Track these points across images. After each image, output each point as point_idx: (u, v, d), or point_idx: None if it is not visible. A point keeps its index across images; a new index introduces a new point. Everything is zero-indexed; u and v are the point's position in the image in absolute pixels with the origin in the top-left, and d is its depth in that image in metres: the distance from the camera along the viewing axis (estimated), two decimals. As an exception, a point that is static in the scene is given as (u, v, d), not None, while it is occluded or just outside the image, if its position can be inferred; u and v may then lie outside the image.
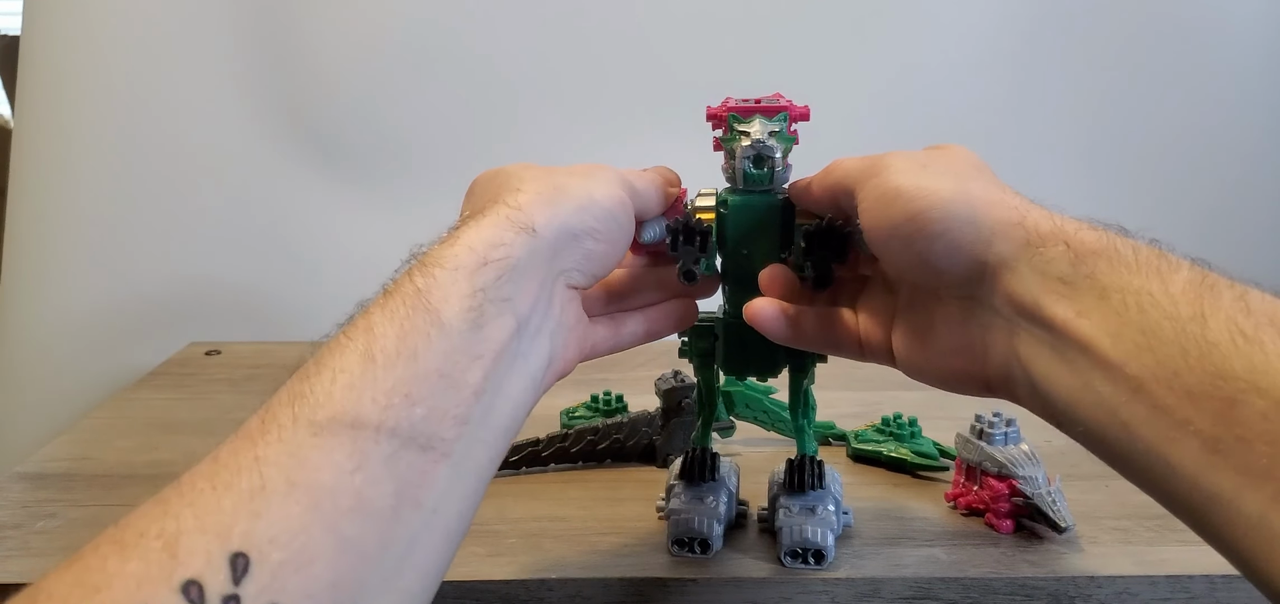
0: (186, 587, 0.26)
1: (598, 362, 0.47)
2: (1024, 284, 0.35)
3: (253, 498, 0.27)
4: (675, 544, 0.50)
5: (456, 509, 0.33)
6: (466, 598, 0.48)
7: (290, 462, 0.29)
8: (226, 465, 0.28)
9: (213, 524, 0.27)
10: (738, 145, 0.45)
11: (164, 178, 0.95)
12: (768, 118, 0.46)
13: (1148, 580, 0.48)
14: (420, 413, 0.31)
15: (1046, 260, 0.34)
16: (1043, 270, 0.34)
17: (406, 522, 0.30)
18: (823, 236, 0.45)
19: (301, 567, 0.27)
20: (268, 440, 0.29)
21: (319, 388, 0.30)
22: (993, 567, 0.49)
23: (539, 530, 0.53)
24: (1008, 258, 0.35)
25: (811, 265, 0.46)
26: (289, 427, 0.29)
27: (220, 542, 0.26)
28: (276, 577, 0.27)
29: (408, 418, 0.31)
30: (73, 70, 0.93)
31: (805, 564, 0.49)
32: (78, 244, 0.94)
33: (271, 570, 0.27)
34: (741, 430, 0.66)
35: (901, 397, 0.76)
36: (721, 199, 0.48)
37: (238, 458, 0.29)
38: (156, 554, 0.26)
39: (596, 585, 0.48)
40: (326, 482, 0.29)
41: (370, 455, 0.30)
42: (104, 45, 0.93)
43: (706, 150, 0.48)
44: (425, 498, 0.31)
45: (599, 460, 0.63)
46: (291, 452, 0.29)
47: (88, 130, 0.94)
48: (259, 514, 0.27)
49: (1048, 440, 0.65)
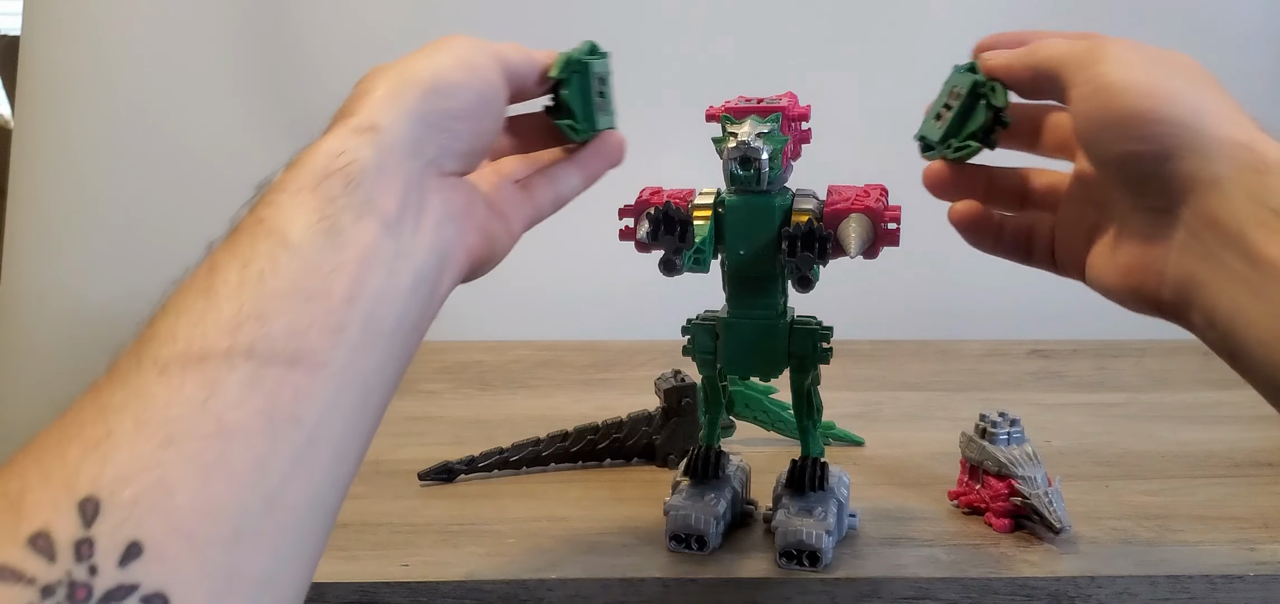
0: (34, 539, 0.25)
1: (597, 361, 0.47)
2: (1232, 209, 0.33)
3: (98, 445, 0.27)
4: (673, 539, 0.50)
5: (346, 421, 0.31)
6: (466, 598, 0.48)
7: (137, 403, 0.28)
8: (72, 420, 0.28)
9: (57, 476, 0.26)
10: (726, 146, 0.46)
11: (164, 178, 0.95)
12: (760, 118, 0.46)
13: (1148, 580, 0.48)
14: (279, 329, 0.30)
15: (1266, 190, 0.32)
16: (1259, 199, 0.32)
17: (284, 439, 0.29)
18: (805, 238, 0.45)
19: (159, 500, 0.26)
20: (112, 388, 0.28)
21: (161, 329, 0.30)
22: (993, 567, 0.49)
23: (539, 530, 0.53)
24: (1222, 178, 0.33)
25: (795, 266, 0.46)
26: (133, 371, 0.29)
27: (66, 491, 0.26)
28: (132, 513, 0.26)
29: (263, 336, 0.30)
30: (73, 70, 0.93)
31: (800, 565, 0.49)
32: (78, 244, 0.94)
33: (124, 508, 0.26)
34: (742, 430, 0.66)
35: (902, 397, 0.76)
36: (719, 198, 0.48)
37: (83, 411, 0.28)
38: (2, 514, 0.26)
39: (596, 585, 0.48)
40: (179, 415, 0.28)
41: (224, 381, 0.29)
42: (104, 45, 0.93)
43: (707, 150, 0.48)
44: (304, 412, 0.30)
45: (599, 460, 0.63)
46: (137, 393, 0.28)
47: (88, 130, 0.94)
48: (106, 459, 0.27)
49: (1047, 441, 0.66)
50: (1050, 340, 0.89)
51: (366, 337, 0.32)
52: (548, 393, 0.77)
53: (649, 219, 0.46)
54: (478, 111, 0.40)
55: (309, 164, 0.34)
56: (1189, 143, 0.34)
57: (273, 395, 0.29)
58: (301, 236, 0.32)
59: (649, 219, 0.46)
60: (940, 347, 0.89)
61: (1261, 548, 0.51)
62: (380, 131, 0.36)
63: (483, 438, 0.62)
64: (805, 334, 0.49)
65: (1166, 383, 0.79)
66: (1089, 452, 0.64)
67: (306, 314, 0.31)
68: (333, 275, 0.32)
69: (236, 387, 0.29)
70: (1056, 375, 0.81)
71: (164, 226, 0.95)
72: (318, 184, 0.33)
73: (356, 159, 0.34)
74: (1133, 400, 0.75)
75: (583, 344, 0.88)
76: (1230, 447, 0.65)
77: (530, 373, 0.82)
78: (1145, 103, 0.35)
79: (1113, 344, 0.88)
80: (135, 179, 0.95)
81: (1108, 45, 0.37)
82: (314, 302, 0.31)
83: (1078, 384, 0.79)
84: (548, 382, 0.80)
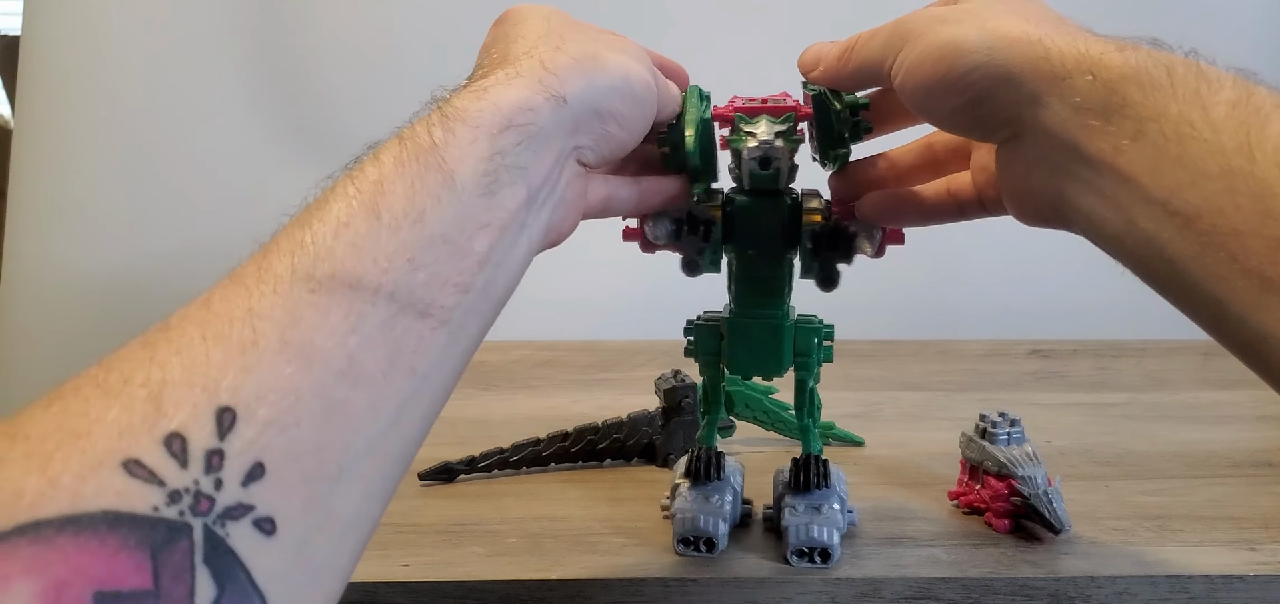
0: (170, 439, 0.25)
1: (597, 361, 0.47)
2: (1058, 120, 0.33)
3: (244, 352, 0.27)
4: (681, 543, 0.50)
5: (445, 377, 0.32)
6: (467, 598, 0.48)
7: (285, 318, 0.28)
8: (218, 314, 0.28)
9: (200, 377, 0.26)
10: (744, 146, 0.45)
11: (164, 178, 0.95)
12: (774, 118, 0.45)
13: (1148, 580, 0.48)
14: (422, 278, 0.30)
15: (1076, 93, 0.33)
16: (1074, 105, 0.33)
17: (397, 388, 0.30)
18: (830, 237, 0.45)
19: (287, 427, 0.27)
20: (262, 291, 0.28)
21: (321, 239, 0.29)
22: (993, 567, 0.49)
23: (539, 530, 0.53)
24: (1039, 95, 0.34)
25: (818, 266, 0.45)
26: (286, 279, 0.28)
27: (207, 395, 0.26)
28: (262, 434, 0.26)
29: (408, 282, 0.30)
30: (73, 70, 0.93)
31: (812, 563, 0.49)
32: (78, 245, 0.94)
33: (258, 427, 0.26)
34: (741, 430, 0.66)
35: (902, 397, 0.76)
36: (727, 198, 0.48)
37: (231, 306, 0.28)
38: (141, 404, 0.25)
39: (596, 585, 0.48)
40: (320, 343, 0.28)
41: (367, 318, 0.29)
42: (104, 45, 0.93)
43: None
44: (419, 365, 0.30)
45: (599, 460, 0.63)
46: (287, 307, 0.28)
47: (88, 130, 0.94)
48: (249, 370, 0.27)
49: (1047, 441, 0.66)
50: (1050, 340, 0.89)
51: (482, 301, 0.33)
52: (548, 393, 0.77)
53: (671, 220, 0.46)
54: (634, 126, 0.40)
55: (495, 102, 0.34)
56: (996, 77, 0.35)
57: (400, 343, 0.30)
58: (466, 183, 0.32)
59: (671, 220, 0.46)
60: (940, 346, 0.89)
61: (1261, 548, 0.51)
62: (565, 104, 0.35)
63: (483, 438, 0.62)
64: (808, 333, 0.49)
65: (1166, 383, 0.79)
66: (1089, 452, 0.65)
67: (447, 267, 0.31)
68: (479, 233, 0.32)
69: (375, 327, 0.29)
70: (1056, 375, 0.81)
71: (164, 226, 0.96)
72: (497, 132, 0.33)
73: (537, 122, 0.34)
74: (1133, 400, 0.75)
75: (583, 344, 0.88)
76: (1230, 447, 0.65)
77: (530, 373, 0.82)
78: (943, 64, 0.36)
79: (1113, 344, 0.88)
80: (135, 179, 0.95)
81: (908, 23, 0.38)
82: (456, 256, 0.31)
83: (1078, 384, 0.79)
84: (548, 382, 0.80)
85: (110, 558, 0.24)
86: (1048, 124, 0.34)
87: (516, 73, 0.35)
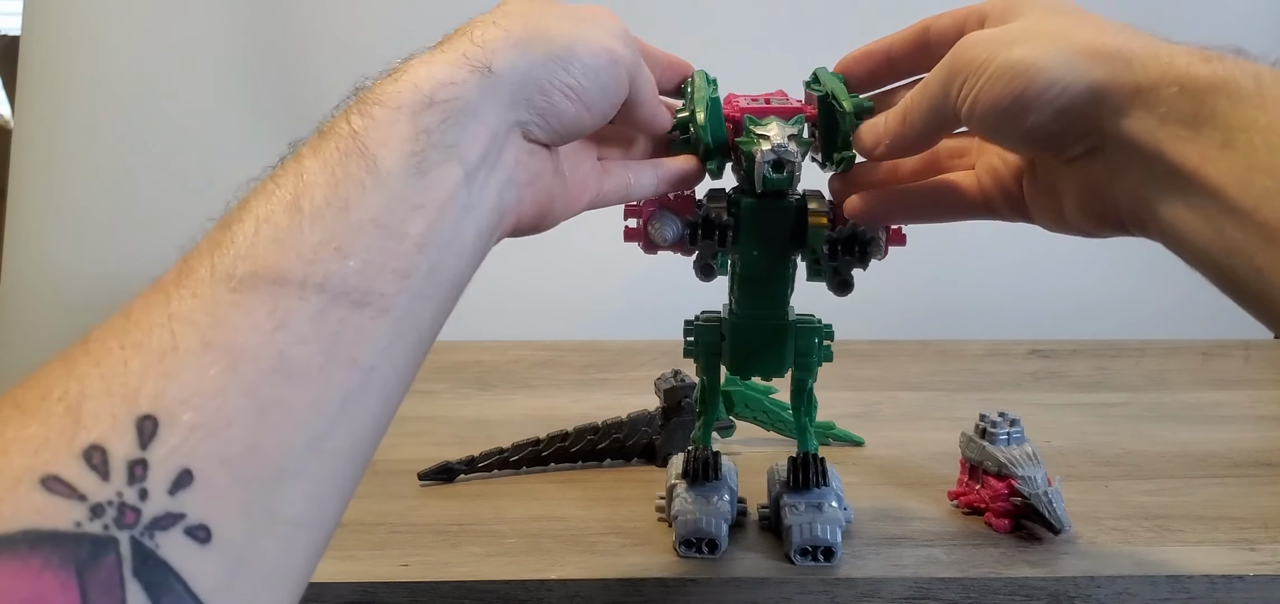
0: (89, 452, 0.24)
1: (597, 361, 0.47)
2: (1144, 129, 0.33)
3: (163, 358, 0.26)
4: (683, 545, 0.50)
5: (396, 368, 0.31)
6: (467, 598, 0.48)
7: (206, 320, 0.27)
8: (138, 323, 0.27)
9: (119, 386, 0.25)
10: (756, 149, 0.44)
11: (164, 178, 0.95)
12: (784, 120, 0.45)
13: (1148, 580, 0.48)
14: (353, 266, 0.29)
15: (1162, 103, 0.33)
16: (1161, 115, 0.33)
17: (338, 382, 0.29)
18: (846, 244, 0.45)
19: (215, 430, 0.26)
20: (182, 295, 0.28)
21: (240, 238, 0.29)
22: (993, 567, 0.49)
23: (539, 530, 0.53)
24: (1123, 106, 0.34)
25: (834, 272, 0.45)
26: (206, 281, 0.28)
27: (127, 405, 0.25)
28: (187, 440, 0.25)
29: (338, 272, 0.29)
30: (73, 70, 0.93)
31: (815, 562, 0.49)
32: (78, 245, 0.94)
33: (182, 433, 0.25)
34: (741, 430, 0.66)
35: (901, 397, 0.76)
36: (732, 200, 0.47)
37: (150, 314, 0.27)
38: (58, 418, 0.25)
39: (596, 585, 0.48)
40: (245, 342, 0.27)
41: (294, 313, 0.28)
42: (104, 45, 0.93)
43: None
44: (361, 356, 0.29)
45: (599, 460, 0.63)
46: (208, 309, 0.27)
47: (87, 130, 0.94)
48: (170, 375, 0.26)
49: (1047, 441, 0.66)
50: (1050, 340, 0.89)
51: (428, 286, 0.32)
52: (548, 393, 0.77)
53: (689, 225, 0.45)
54: (591, 100, 0.37)
55: (416, 81, 0.33)
56: (1078, 92, 0.35)
57: (336, 336, 0.29)
58: (391, 167, 0.31)
59: (689, 225, 0.45)
60: (940, 346, 0.89)
61: (1261, 548, 0.51)
62: (492, 75, 0.34)
63: (483, 438, 0.62)
64: (809, 333, 0.49)
65: (1166, 383, 0.79)
66: (1089, 452, 0.64)
67: (381, 254, 0.30)
68: (411, 216, 0.31)
69: (305, 321, 0.28)
70: (1056, 375, 0.81)
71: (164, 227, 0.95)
72: (418, 110, 0.32)
73: (462, 97, 0.33)
74: (1133, 400, 0.75)
75: (583, 344, 0.88)
76: (1230, 447, 0.65)
77: (530, 373, 0.82)
78: (1018, 83, 0.35)
79: (1113, 344, 0.88)
80: (135, 179, 0.95)
81: (961, 57, 0.37)
82: (390, 241, 0.30)
83: (1078, 384, 0.79)
84: (548, 382, 0.79)
85: (34, 578, 0.23)
86: (1132, 135, 0.34)
87: (440, 50, 0.35)
